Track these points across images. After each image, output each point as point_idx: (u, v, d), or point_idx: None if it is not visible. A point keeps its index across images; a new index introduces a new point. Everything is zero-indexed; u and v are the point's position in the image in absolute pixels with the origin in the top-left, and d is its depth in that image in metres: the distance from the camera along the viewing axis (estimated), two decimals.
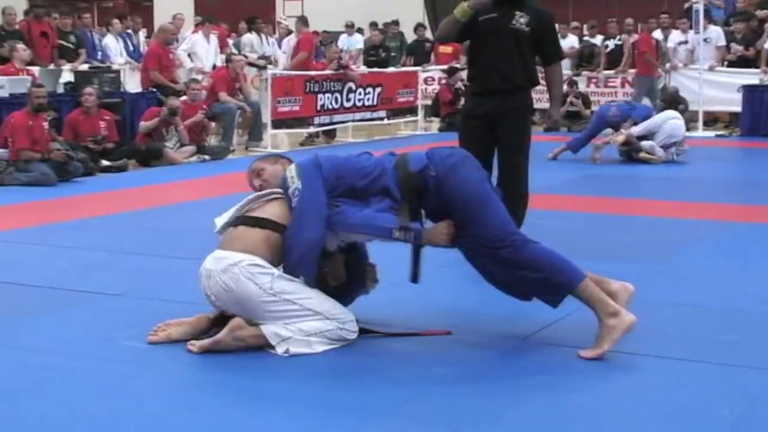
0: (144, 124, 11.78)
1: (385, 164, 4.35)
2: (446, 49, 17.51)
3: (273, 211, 4.34)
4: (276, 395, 3.78)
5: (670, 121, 11.27)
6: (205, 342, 4.20)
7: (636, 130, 11.22)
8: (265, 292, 4.17)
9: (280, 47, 16.58)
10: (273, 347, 4.17)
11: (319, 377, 3.99)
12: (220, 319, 4.32)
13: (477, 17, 6.32)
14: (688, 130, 13.28)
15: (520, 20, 6.21)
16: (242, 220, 4.38)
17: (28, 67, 12.43)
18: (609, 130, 11.78)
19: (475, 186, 4.33)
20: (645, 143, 11.22)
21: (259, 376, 3.97)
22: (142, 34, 16.87)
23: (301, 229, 4.22)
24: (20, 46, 12.65)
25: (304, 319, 4.22)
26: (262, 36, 16.18)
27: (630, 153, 11.36)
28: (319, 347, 4.23)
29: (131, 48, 15.89)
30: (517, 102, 6.29)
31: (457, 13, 6.13)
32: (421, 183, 4.29)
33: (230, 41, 17.27)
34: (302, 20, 16.07)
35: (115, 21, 16.72)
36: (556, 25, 18.85)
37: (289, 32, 16.57)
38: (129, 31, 16.40)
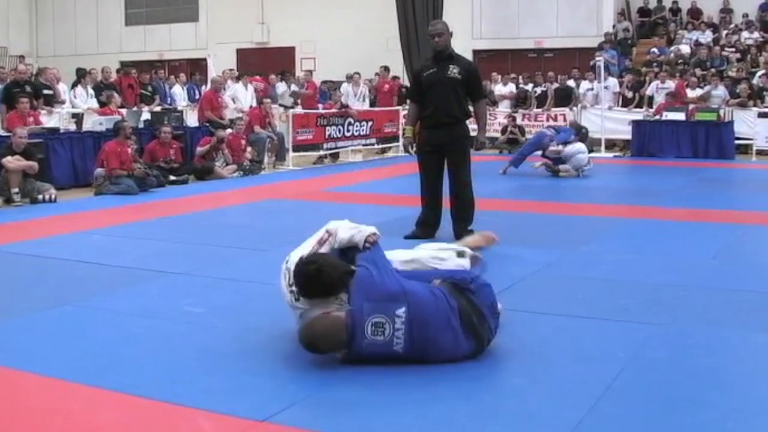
0: (200, 150, 11.80)
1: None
2: None
3: None
4: None
5: (579, 155, 11.29)
6: None
7: (563, 150, 11.22)
8: None
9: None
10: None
11: None
12: None
13: (422, 73, 6.38)
14: (593, 152, 13.31)
15: (454, 71, 6.29)
16: None
17: (119, 109, 12.42)
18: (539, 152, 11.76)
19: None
20: (562, 166, 11.30)
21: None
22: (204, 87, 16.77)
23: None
24: (114, 94, 12.73)
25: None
26: (290, 83, 16.12)
27: (554, 171, 11.40)
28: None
29: (198, 95, 15.77)
30: (458, 132, 6.38)
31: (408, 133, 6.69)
32: None
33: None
34: (309, 73, 16.03)
35: (181, 74, 16.72)
36: (499, 76, 18.83)
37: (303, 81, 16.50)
38: (196, 84, 16.34)
